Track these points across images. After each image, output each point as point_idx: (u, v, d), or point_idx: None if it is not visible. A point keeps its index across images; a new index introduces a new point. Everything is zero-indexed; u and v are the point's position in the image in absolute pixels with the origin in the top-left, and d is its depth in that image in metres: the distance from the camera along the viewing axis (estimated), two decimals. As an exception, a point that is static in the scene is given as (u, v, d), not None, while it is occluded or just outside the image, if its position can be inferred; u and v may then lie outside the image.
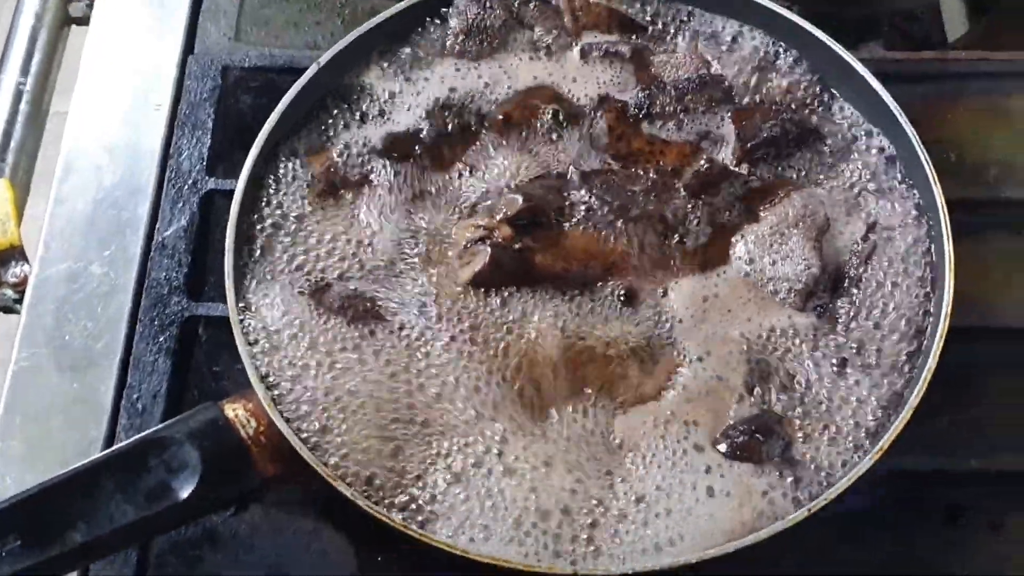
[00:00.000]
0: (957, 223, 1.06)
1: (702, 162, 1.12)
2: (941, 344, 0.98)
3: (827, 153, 1.15)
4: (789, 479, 0.96)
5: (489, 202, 1.10)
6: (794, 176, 1.13)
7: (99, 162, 1.27)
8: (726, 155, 1.14)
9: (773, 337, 1.04)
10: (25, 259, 1.21)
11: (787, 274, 1.06)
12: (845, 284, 1.07)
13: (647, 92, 1.16)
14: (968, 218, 1.16)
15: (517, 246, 1.05)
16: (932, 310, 1.03)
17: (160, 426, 0.94)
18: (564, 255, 1.07)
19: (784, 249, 1.07)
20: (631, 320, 1.04)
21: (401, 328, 1.04)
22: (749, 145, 1.13)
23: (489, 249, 1.05)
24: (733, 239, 1.09)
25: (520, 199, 1.07)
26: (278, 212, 1.10)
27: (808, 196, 1.10)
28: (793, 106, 1.16)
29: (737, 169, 1.13)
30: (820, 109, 1.17)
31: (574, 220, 1.08)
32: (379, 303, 1.05)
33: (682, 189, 1.10)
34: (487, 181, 1.13)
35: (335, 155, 1.13)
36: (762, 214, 1.10)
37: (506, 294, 1.05)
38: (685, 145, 1.14)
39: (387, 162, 1.13)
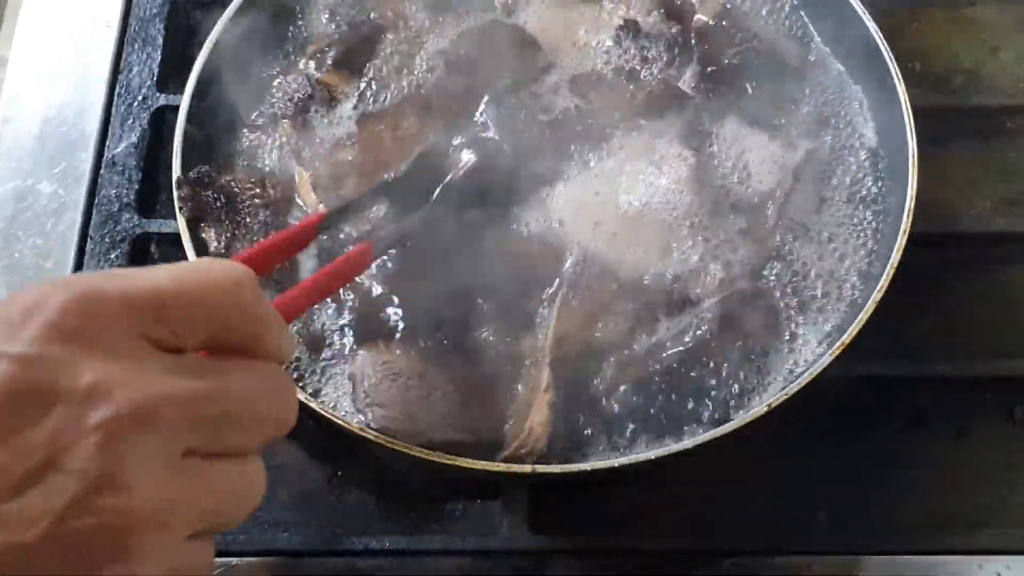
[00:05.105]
0: (923, 132, 1.04)
1: (654, 82, 1.09)
2: (904, 241, 0.96)
3: (791, 68, 1.13)
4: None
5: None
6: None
7: (48, 80, 1.23)
8: (686, 79, 1.11)
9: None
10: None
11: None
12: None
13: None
14: (934, 126, 1.15)
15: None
16: (894, 210, 1.02)
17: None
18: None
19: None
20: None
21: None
22: (709, 69, 1.10)
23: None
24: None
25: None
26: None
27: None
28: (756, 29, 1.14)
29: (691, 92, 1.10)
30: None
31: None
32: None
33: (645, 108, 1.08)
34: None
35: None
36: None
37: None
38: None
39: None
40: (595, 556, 0.97)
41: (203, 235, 1.01)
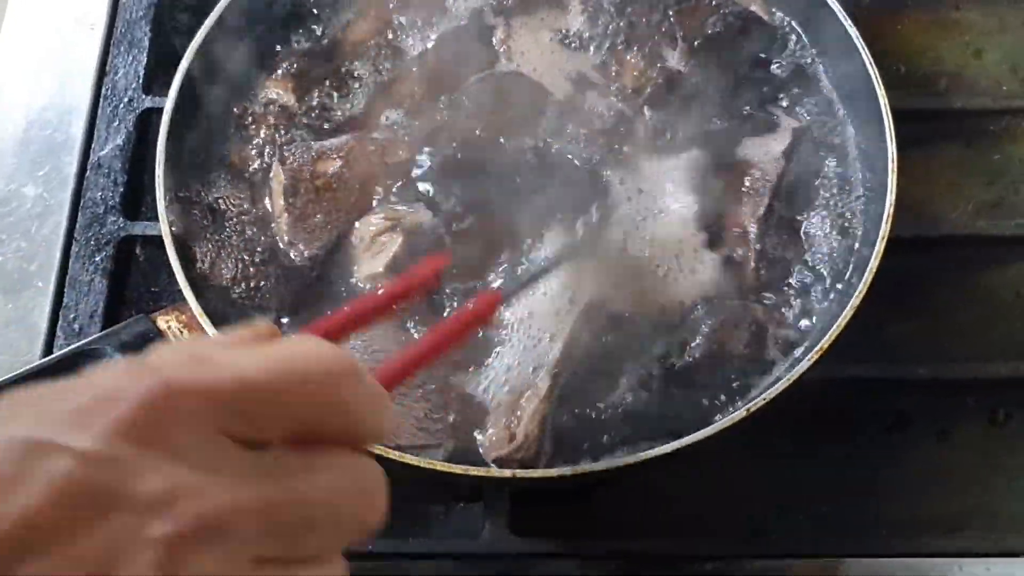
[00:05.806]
0: (906, 134, 1.04)
1: (655, 74, 1.10)
2: (882, 248, 0.97)
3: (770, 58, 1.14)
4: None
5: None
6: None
7: (32, 83, 1.24)
8: (674, 60, 1.11)
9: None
10: (-43, 182, 1.18)
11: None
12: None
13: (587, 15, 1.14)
14: (918, 129, 1.15)
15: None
16: (875, 215, 1.02)
17: (90, 338, 0.92)
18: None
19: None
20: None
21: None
22: (695, 44, 1.10)
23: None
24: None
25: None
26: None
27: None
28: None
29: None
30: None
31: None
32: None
33: (645, 107, 1.09)
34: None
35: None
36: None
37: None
38: (638, 60, 1.12)
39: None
40: (577, 559, 0.97)
41: (191, 250, 1.01)
